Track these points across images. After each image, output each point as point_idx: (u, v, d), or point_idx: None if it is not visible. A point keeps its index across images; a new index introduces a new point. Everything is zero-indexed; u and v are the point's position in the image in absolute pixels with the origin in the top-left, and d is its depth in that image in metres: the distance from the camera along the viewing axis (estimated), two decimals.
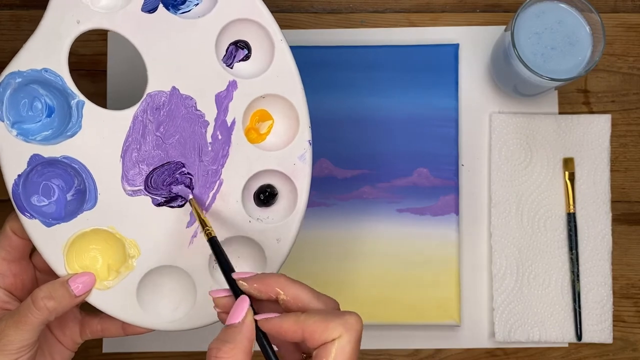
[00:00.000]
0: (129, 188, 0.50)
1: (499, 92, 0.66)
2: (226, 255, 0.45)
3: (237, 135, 0.51)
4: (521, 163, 0.64)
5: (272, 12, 0.60)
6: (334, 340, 0.38)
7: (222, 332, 0.40)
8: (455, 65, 0.64)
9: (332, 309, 0.41)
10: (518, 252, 0.63)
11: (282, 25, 0.66)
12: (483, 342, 0.64)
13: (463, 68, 0.66)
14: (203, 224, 0.48)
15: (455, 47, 0.65)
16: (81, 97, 0.50)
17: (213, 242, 0.46)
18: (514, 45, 0.56)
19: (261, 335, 0.40)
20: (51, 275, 0.50)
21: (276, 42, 0.51)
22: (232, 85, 0.51)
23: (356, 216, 0.63)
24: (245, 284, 0.42)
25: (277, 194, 0.53)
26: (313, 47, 0.65)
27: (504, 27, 0.61)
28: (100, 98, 0.65)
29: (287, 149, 0.52)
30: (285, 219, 0.52)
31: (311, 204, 0.63)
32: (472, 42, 0.66)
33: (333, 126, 0.64)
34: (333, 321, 0.38)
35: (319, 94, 0.64)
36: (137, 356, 0.64)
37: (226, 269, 0.44)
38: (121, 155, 0.50)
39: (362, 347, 0.63)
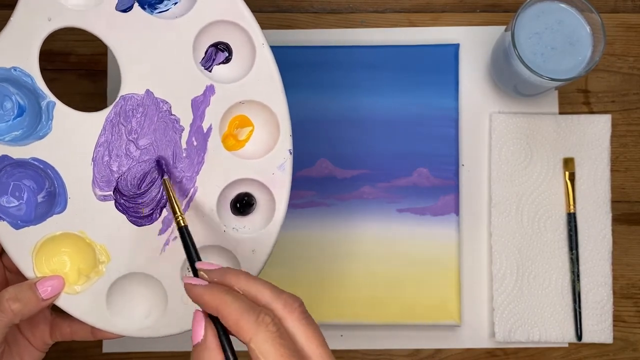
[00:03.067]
0: (99, 193, 0.49)
1: (499, 92, 0.66)
2: (195, 246, 0.44)
3: (214, 142, 0.50)
4: (521, 163, 0.64)
5: (272, 12, 0.59)
6: (249, 342, 0.37)
7: (192, 353, 0.39)
8: (455, 65, 0.64)
9: (291, 309, 0.39)
10: (518, 252, 0.63)
11: (282, 25, 0.67)
12: (483, 342, 0.64)
13: (463, 68, 0.66)
14: (174, 210, 0.46)
15: (456, 47, 0.65)
16: (52, 97, 0.48)
17: (183, 232, 0.45)
18: (514, 45, 0.56)
19: (221, 334, 0.40)
20: (21, 276, 0.49)
21: (257, 46, 0.49)
22: (210, 90, 0.49)
23: (356, 216, 0.63)
24: (206, 275, 0.41)
25: (254, 203, 0.51)
26: (313, 47, 0.65)
27: (504, 27, 0.61)
28: (100, 98, 0.65)
29: (266, 157, 0.50)
30: (262, 230, 0.50)
31: (311, 204, 0.63)
32: (472, 42, 0.66)
33: (333, 126, 0.64)
34: (244, 319, 0.37)
35: (318, 94, 0.64)
36: (136, 356, 0.64)
37: (192, 258, 0.43)
38: (92, 159, 0.49)
39: (362, 347, 0.63)
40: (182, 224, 0.45)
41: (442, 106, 0.64)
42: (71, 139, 0.48)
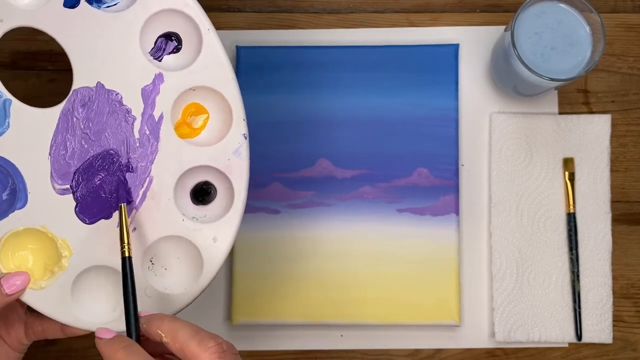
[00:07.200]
0: (58, 186, 0.50)
1: (499, 92, 0.66)
2: (134, 285, 0.46)
3: (166, 130, 0.50)
4: (521, 163, 0.64)
5: (272, 12, 0.59)
6: None
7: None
8: (455, 65, 0.64)
9: (205, 348, 0.41)
10: (518, 252, 0.63)
11: (282, 25, 0.67)
12: (483, 342, 0.64)
13: (463, 68, 0.66)
14: (122, 239, 0.47)
15: (455, 47, 0.65)
16: (8, 95, 0.49)
17: (125, 262, 0.46)
18: (514, 45, 0.56)
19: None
20: None
21: (203, 32, 0.50)
22: (159, 78, 0.50)
23: (356, 216, 0.63)
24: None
25: (211, 191, 0.51)
26: (313, 47, 0.65)
27: (504, 27, 0.61)
28: None
29: (220, 143, 0.50)
30: (222, 217, 0.51)
31: (311, 204, 0.63)
32: (472, 42, 0.66)
33: (333, 126, 0.64)
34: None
35: (318, 94, 0.64)
36: None
37: (129, 302, 0.45)
38: (49, 154, 0.49)
39: (362, 347, 0.63)
40: (127, 254, 0.46)
41: (442, 106, 0.64)
42: (28, 135, 0.49)
